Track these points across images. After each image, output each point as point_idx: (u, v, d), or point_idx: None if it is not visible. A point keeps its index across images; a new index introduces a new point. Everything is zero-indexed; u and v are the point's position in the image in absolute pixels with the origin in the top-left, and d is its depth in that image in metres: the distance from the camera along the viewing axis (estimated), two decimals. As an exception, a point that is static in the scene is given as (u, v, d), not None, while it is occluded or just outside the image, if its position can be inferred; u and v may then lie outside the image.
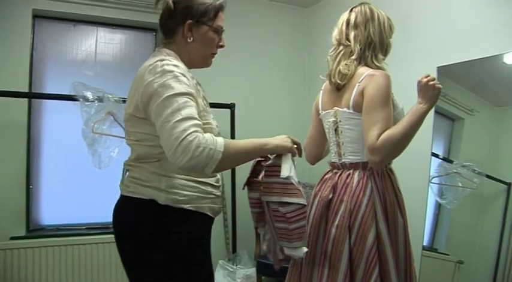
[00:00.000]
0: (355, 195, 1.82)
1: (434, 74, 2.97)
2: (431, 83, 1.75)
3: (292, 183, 1.58)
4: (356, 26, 1.91)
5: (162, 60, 1.49)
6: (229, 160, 1.47)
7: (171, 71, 1.46)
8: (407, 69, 3.12)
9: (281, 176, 1.57)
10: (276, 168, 1.61)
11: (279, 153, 1.63)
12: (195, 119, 1.41)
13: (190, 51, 1.63)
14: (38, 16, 3.59)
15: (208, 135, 1.40)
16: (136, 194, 1.53)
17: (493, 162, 2.85)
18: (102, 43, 3.87)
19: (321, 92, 2.09)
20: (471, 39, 2.84)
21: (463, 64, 2.85)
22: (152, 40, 4.06)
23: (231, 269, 3.69)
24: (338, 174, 1.94)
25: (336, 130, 1.95)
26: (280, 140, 1.63)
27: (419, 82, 1.78)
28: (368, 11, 1.92)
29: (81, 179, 3.58)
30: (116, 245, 1.62)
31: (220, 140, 1.42)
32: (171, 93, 1.41)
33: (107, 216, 3.63)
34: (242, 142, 1.55)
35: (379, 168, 1.81)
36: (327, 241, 1.83)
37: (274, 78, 4.43)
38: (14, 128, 3.38)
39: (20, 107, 3.39)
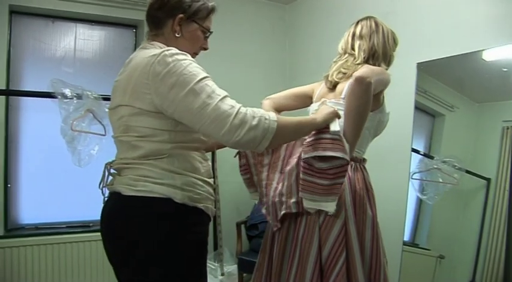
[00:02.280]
0: None
1: (414, 70, 3.00)
2: None
3: (340, 138, 1.61)
4: (361, 37, 2.00)
5: (168, 50, 1.43)
6: (283, 132, 1.45)
7: (185, 59, 1.42)
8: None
9: (331, 131, 1.61)
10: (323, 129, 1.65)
11: (328, 124, 1.65)
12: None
13: (177, 46, 1.53)
14: (15, 12, 3.53)
15: (257, 109, 1.40)
16: (148, 192, 1.43)
17: (473, 158, 2.88)
18: (81, 40, 3.83)
19: (322, 85, 2.11)
20: (451, 35, 2.87)
21: (443, 60, 2.88)
22: (132, 36, 4.03)
23: (213, 266, 3.68)
24: None
25: None
26: (327, 113, 1.65)
27: None
28: (373, 24, 2.01)
29: (61, 177, 3.54)
30: (116, 248, 1.53)
31: (271, 112, 1.42)
32: (198, 79, 1.38)
33: (87, 215, 3.64)
34: (290, 117, 1.54)
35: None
36: (299, 225, 1.84)
37: (255, 75, 4.42)
38: (-8, 126, 3.33)
39: (-3, 104, 3.33)
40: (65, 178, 3.53)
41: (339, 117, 1.68)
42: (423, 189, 3.05)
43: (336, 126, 1.63)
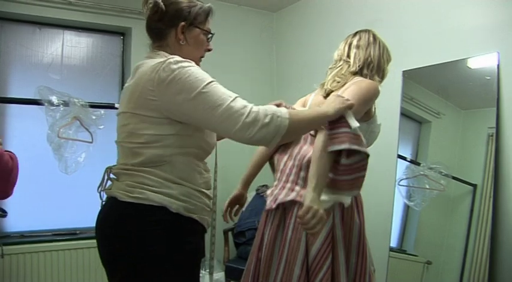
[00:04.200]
0: None
1: (400, 77, 3.02)
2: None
3: (359, 135, 1.61)
4: (358, 46, 2.01)
5: (172, 58, 1.46)
6: (295, 127, 1.49)
7: (190, 66, 1.44)
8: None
9: (352, 128, 1.60)
10: (341, 120, 1.63)
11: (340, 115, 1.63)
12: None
13: (183, 53, 1.57)
14: (2, 18, 3.51)
15: (269, 106, 1.45)
16: (144, 200, 1.44)
17: (459, 164, 2.90)
18: (68, 46, 3.81)
19: (313, 94, 2.12)
20: (436, 44, 2.90)
21: (428, 68, 2.91)
22: (120, 43, 4.01)
23: (200, 274, 3.66)
24: None
25: None
26: (338, 103, 1.62)
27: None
28: (371, 37, 2.03)
29: (47, 185, 3.51)
30: (108, 253, 1.53)
31: (283, 109, 1.46)
32: (205, 83, 1.41)
33: (74, 222, 3.60)
34: (302, 111, 1.58)
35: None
36: (287, 228, 1.85)
37: (242, 82, 4.39)
38: (-23, 133, 3.29)
39: (-18, 111, 3.30)
40: (51, 185, 3.49)
41: (350, 107, 1.65)
42: (410, 196, 3.06)
43: (354, 122, 1.62)
